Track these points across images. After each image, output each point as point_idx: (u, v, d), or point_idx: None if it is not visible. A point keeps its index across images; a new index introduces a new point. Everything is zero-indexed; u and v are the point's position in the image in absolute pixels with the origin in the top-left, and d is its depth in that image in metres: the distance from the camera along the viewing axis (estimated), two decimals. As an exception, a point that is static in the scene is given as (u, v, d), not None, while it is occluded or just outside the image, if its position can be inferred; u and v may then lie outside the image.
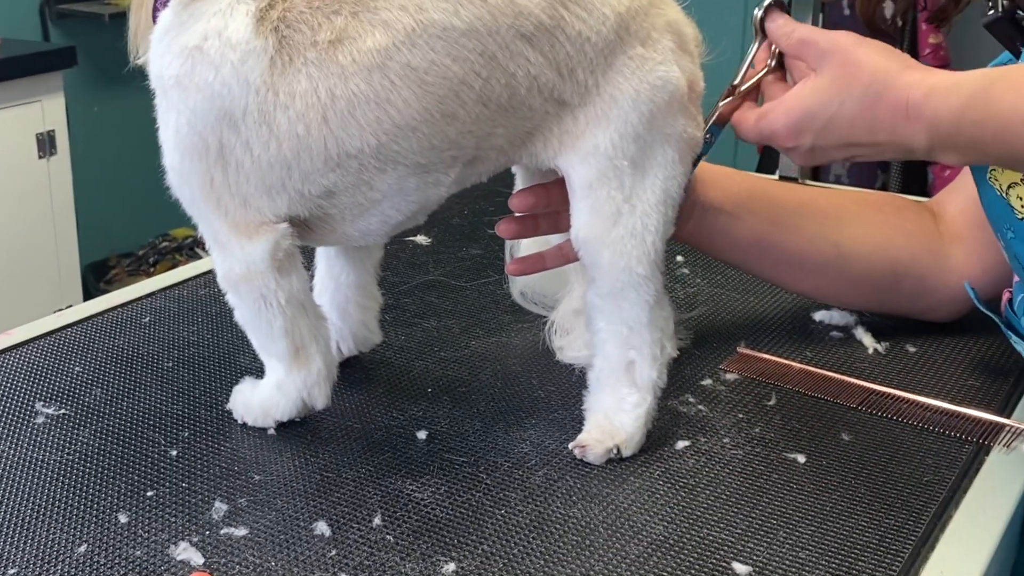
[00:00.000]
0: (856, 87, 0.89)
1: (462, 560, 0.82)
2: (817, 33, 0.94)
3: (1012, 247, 0.97)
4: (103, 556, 0.82)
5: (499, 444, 0.96)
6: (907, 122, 0.86)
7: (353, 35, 0.85)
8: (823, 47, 0.92)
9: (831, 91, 0.90)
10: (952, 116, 0.84)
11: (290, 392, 0.97)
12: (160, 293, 1.26)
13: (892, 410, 1.03)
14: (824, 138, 0.91)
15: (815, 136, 0.91)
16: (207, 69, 0.86)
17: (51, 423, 0.99)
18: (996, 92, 0.82)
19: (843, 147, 0.91)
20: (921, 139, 0.86)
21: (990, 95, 0.82)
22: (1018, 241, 0.95)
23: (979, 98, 0.83)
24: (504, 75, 0.87)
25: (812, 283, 1.15)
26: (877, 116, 0.88)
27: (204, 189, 0.89)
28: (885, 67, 0.88)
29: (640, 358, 0.94)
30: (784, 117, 0.93)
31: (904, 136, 0.87)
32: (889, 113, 0.87)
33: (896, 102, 0.87)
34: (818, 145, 0.92)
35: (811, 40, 0.93)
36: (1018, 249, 0.96)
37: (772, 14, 0.98)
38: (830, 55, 0.91)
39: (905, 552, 0.84)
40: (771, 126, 0.94)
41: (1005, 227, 0.96)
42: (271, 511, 0.87)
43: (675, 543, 0.84)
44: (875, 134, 0.89)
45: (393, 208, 0.92)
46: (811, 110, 0.91)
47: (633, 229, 0.91)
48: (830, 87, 0.90)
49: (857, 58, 0.90)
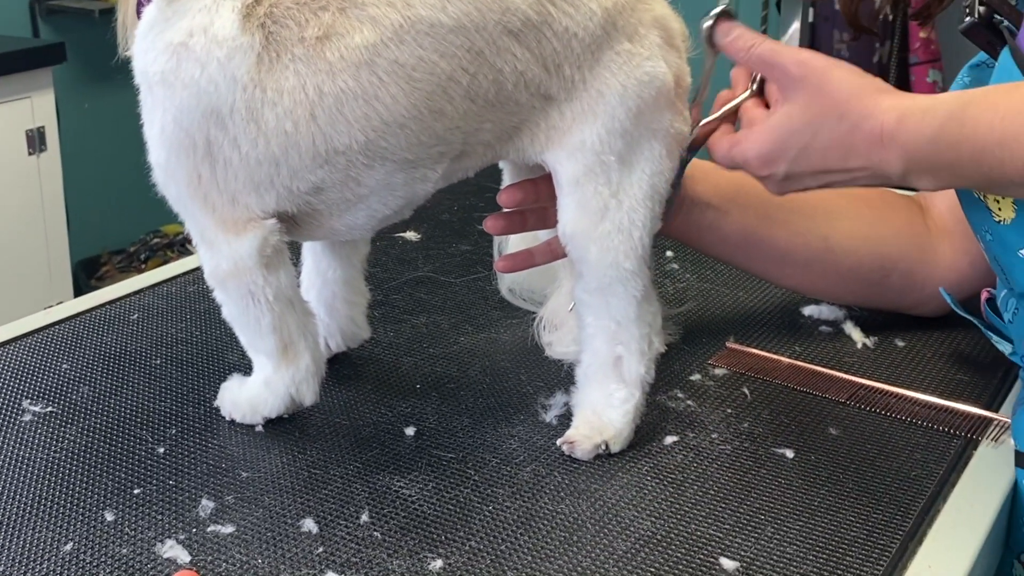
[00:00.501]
0: (830, 115, 0.87)
1: (449, 556, 0.82)
2: (783, 53, 0.90)
3: (991, 249, 0.97)
4: (89, 554, 0.82)
5: (487, 440, 0.96)
6: (881, 148, 0.85)
7: (341, 31, 0.85)
8: (794, 73, 0.88)
9: (804, 119, 0.88)
10: (927, 139, 0.83)
11: (278, 389, 0.96)
12: (148, 290, 1.25)
13: (880, 404, 1.03)
14: (797, 166, 0.89)
15: (788, 164, 0.89)
16: (193, 66, 0.86)
17: (38, 421, 0.99)
18: (971, 113, 0.81)
19: (817, 174, 0.89)
20: (896, 165, 0.85)
21: (965, 116, 0.81)
22: (996, 243, 0.95)
23: (954, 120, 0.81)
24: (491, 71, 0.87)
25: (801, 278, 1.15)
26: (851, 144, 0.86)
27: (191, 186, 0.89)
28: (858, 94, 0.86)
29: (628, 353, 0.94)
30: (756, 146, 0.91)
31: (879, 162, 0.85)
32: (863, 140, 0.85)
33: (870, 129, 0.85)
34: (791, 173, 0.90)
35: (779, 63, 0.90)
36: (997, 251, 0.96)
37: (722, 25, 0.92)
38: (801, 81, 0.88)
39: (893, 547, 0.84)
40: (743, 155, 0.92)
41: (984, 229, 0.97)
42: (258, 508, 0.87)
43: (663, 539, 0.84)
44: (849, 161, 0.87)
45: (380, 203, 0.92)
46: (783, 139, 0.89)
47: (620, 224, 0.91)
48: (803, 115, 0.88)
49: (829, 85, 0.87)
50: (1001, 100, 0.80)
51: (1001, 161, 0.78)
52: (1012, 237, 0.93)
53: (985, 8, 0.96)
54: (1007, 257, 0.94)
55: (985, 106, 0.80)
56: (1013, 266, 0.94)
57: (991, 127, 0.79)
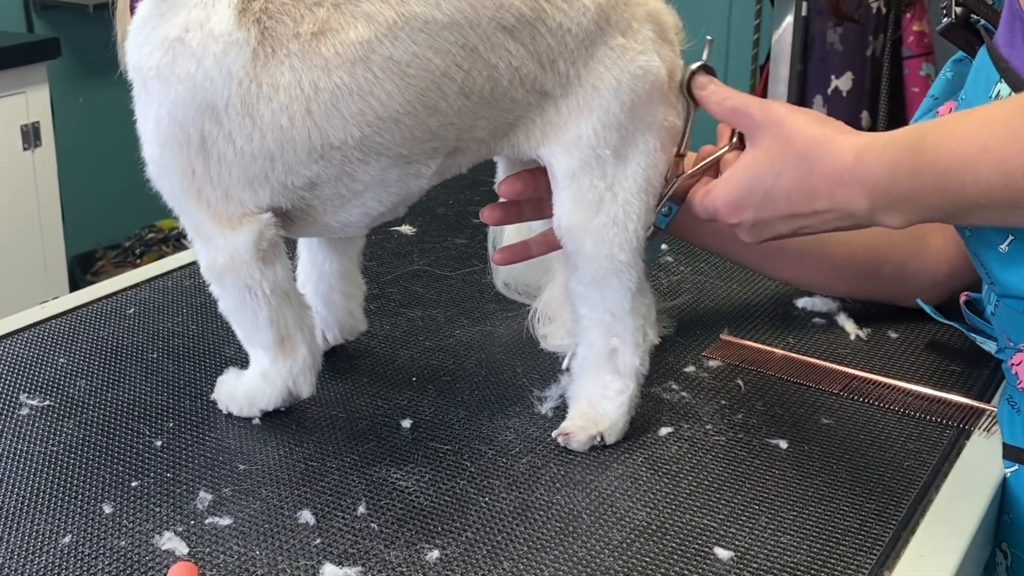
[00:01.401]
0: (790, 158, 0.86)
1: (446, 547, 0.82)
2: (751, 103, 0.91)
3: (971, 245, 0.97)
4: (87, 546, 0.82)
5: (483, 432, 0.97)
6: (844, 187, 0.84)
7: (335, 27, 0.85)
8: (757, 119, 0.89)
9: (765, 163, 0.88)
10: (887, 172, 0.82)
11: (276, 381, 0.97)
12: (145, 284, 1.26)
13: (873, 395, 1.03)
14: (764, 211, 0.89)
15: (755, 210, 0.89)
16: (189, 61, 0.86)
17: (35, 414, 0.99)
18: (930, 141, 0.80)
19: (785, 219, 0.89)
20: (861, 203, 0.84)
21: (924, 145, 0.80)
22: (976, 240, 0.96)
23: (912, 150, 0.81)
24: (486, 67, 0.88)
25: (794, 270, 1.16)
26: (813, 185, 0.85)
27: (185, 181, 0.90)
28: (819, 134, 0.86)
29: (623, 345, 0.95)
30: (724, 195, 0.91)
31: (843, 202, 0.84)
32: (824, 180, 0.85)
33: (831, 168, 0.84)
34: (760, 219, 0.90)
35: (744, 110, 0.90)
36: (976, 247, 0.96)
37: (698, 79, 0.94)
38: (764, 127, 0.88)
39: (886, 536, 0.84)
40: (713, 203, 0.92)
41: (963, 226, 0.97)
42: (256, 500, 0.87)
43: (658, 529, 0.85)
44: (814, 203, 0.86)
45: (374, 199, 0.93)
46: (748, 185, 0.89)
47: (615, 217, 0.92)
48: (764, 159, 0.88)
49: (790, 128, 0.87)
50: (958, 124, 0.79)
51: (963, 184, 0.78)
52: (991, 233, 0.94)
53: (962, 9, 0.96)
54: (986, 253, 0.95)
55: (942, 133, 0.79)
56: (992, 262, 0.94)
57: (950, 151, 0.78)
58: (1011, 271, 0.92)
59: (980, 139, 0.76)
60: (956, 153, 0.78)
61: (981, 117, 0.78)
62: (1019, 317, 0.94)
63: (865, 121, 2.71)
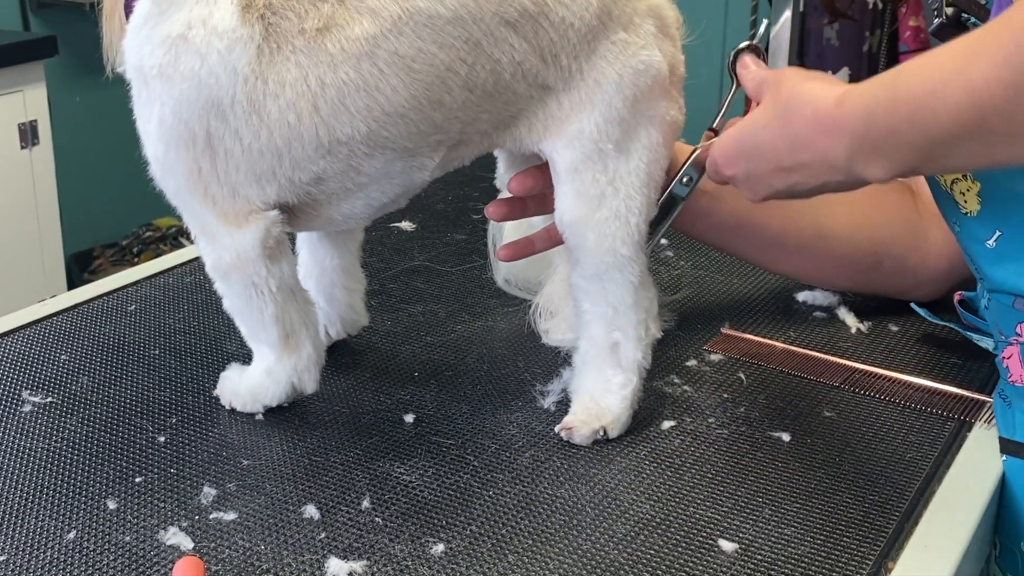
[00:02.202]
0: (778, 108, 0.87)
1: (451, 541, 0.83)
2: (769, 72, 0.93)
3: (961, 240, 0.98)
4: (92, 542, 0.82)
5: (486, 426, 0.97)
6: (823, 134, 0.84)
7: (340, 23, 0.86)
8: (768, 81, 0.91)
9: (758, 116, 0.89)
10: (863, 111, 0.81)
11: (280, 378, 0.97)
12: (146, 281, 1.26)
13: (875, 388, 1.04)
14: (755, 163, 0.89)
15: (746, 162, 0.90)
16: (193, 58, 0.86)
17: (38, 411, 0.99)
18: (903, 77, 0.80)
19: (776, 172, 0.89)
20: (840, 148, 0.83)
21: (897, 82, 0.80)
22: (964, 235, 0.96)
23: (886, 87, 0.81)
24: (489, 61, 0.88)
25: (794, 263, 1.16)
26: (796, 133, 0.86)
27: (191, 179, 0.90)
28: (808, 87, 0.86)
29: (625, 339, 0.95)
30: (719, 148, 0.92)
31: (825, 150, 0.84)
32: (806, 128, 0.85)
33: (811, 115, 0.85)
34: (752, 172, 0.90)
35: (763, 78, 0.92)
36: (966, 243, 0.97)
37: (743, 58, 0.96)
38: (769, 86, 0.90)
39: (889, 527, 0.85)
40: (713, 156, 0.93)
41: (953, 221, 0.98)
42: (260, 495, 0.87)
43: (662, 521, 0.85)
44: (798, 153, 0.86)
45: (378, 191, 0.93)
46: (740, 136, 0.90)
47: (617, 211, 0.92)
48: (758, 113, 0.90)
49: (784, 84, 0.88)
50: (931, 57, 0.79)
51: (935, 112, 0.76)
52: (978, 229, 0.94)
53: (953, 9, 0.97)
54: (975, 248, 0.95)
55: (915, 67, 0.79)
56: (981, 257, 0.95)
57: (923, 80, 0.77)
58: (998, 266, 0.93)
59: (950, 64, 0.76)
60: (928, 82, 0.77)
61: (951, 45, 0.78)
62: (1009, 311, 0.94)
63: (862, 116, 2.71)
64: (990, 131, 0.74)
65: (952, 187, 0.95)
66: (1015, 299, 0.93)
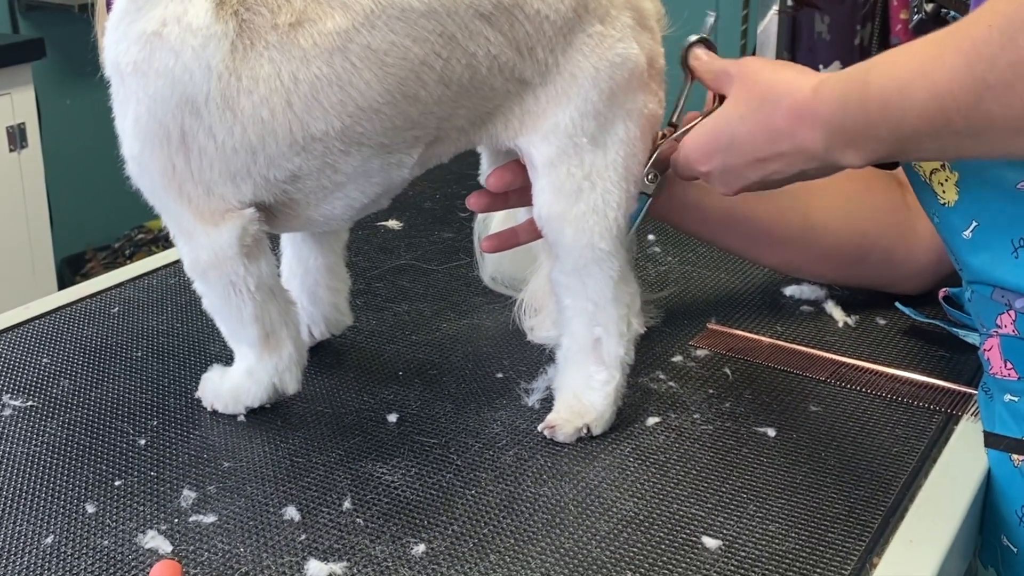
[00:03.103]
0: (753, 101, 0.88)
1: (432, 541, 0.82)
2: (728, 63, 0.93)
3: (940, 232, 0.98)
4: (70, 546, 0.81)
5: (470, 425, 0.96)
6: (801, 124, 0.85)
7: (313, 17, 0.85)
8: (732, 73, 0.91)
9: (731, 110, 0.90)
10: (837, 103, 0.83)
11: (261, 378, 0.96)
12: (129, 283, 1.25)
13: (861, 382, 1.03)
14: (732, 156, 0.90)
15: (723, 156, 0.90)
16: (167, 55, 0.85)
17: (18, 415, 0.99)
18: (875, 72, 0.81)
19: (752, 164, 0.89)
20: (818, 138, 0.84)
21: (870, 76, 0.81)
22: (943, 226, 0.96)
23: (859, 80, 0.82)
24: (464, 55, 0.87)
25: (782, 256, 1.16)
26: (774, 124, 0.86)
27: (165, 177, 0.89)
28: (781, 77, 0.87)
29: (607, 335, 0.94)
30: (693, 143, 0.93)
31: (802, 140, 0.85)
32: (784, 119, 0.86)
33: (790, 106, 0.85)
34: (728, 165, 0.91)
35: (722, 70, 0.93)
36: (944, 233, 0.97)
37: (695, 50, 0.97)
38: (735, 78, 0.91)
39: (875, 522, 0.84)
40: (685, 153, 0.93)
41: (932, 212, 0.98)
42: (240, 497, 0.87)
43: (645, 519, 0.84)
44: (776, 144, 0.87)
45: (357, 191, 0.92)
46: (715, 130, 0.91)
47: (595, 205, 0.91)
48: (731, 106, 0.90)
49: (754, 75, 0.89)
50: (899, 53, 0.80)
51: (903, 110, 0.78)
52: (956, 220, 0.94)
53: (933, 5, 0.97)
54: (953, 239, 0.95)
55: (886, 62, 0.80)
56: (959, 248, 0.95)
57: (891, 77, 0.79)
58: (975, 256, 0.93)
59: (916, 63, 0.77)
60: (896, 79, 0.78)
61: (918, 43, 0.79)
62: (989, 303, 0.94)
63: (854, 109, 2.71)
64: (955, 130, 0.76)
65: (931, 178, 0.95)
66: (993, 290, 0.92)
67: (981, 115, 0.74)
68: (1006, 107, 0.72)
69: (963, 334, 1.06)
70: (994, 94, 0.72)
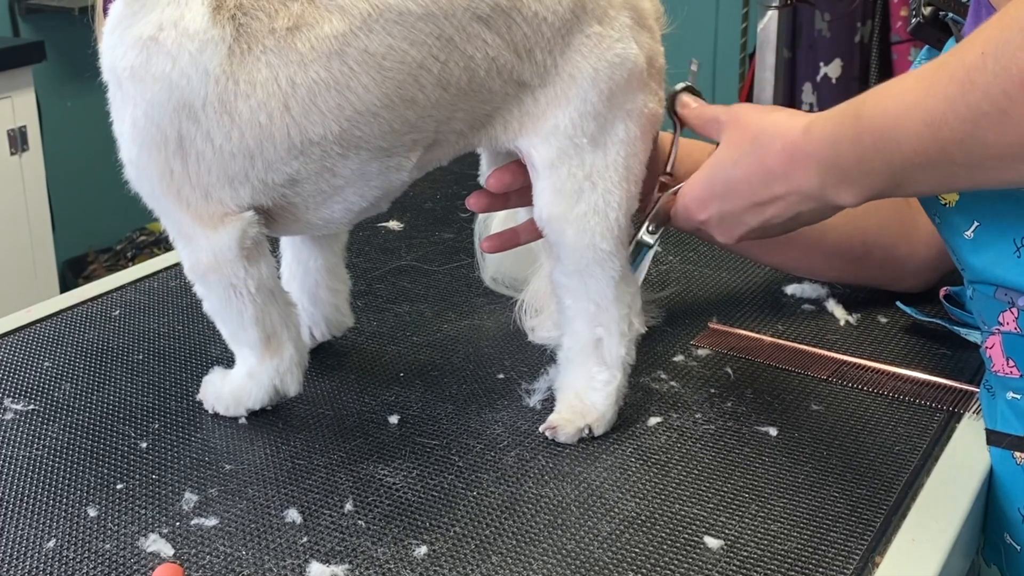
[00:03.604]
0: (746, 145, 0.88)
1: (434, 543, 0.82)
2: (719, 109, 0.94)
3: (941, 232, 0.98)
4: (72, 550, 0.81)
5: (471, 426, 0.96)
6: (795, 165, 0.85)
7: (310, 21, 0.85)
8: (722, 119, 0.92)
9: (724, 156, 0.90)
10: (830, 141, 0.83)
11: (262, 380, 0.96)
12: (130, 286, 1.25)
13: (863, 381, 1.03)
14: (729, 202, 0.90)
15: (720, 202, 0.90)
16: (164, 60, 0.85)
17: (20, 419, 0.99)
18: (868, 105, 0.81)
19: (750, 209, 0.89)
20: (813, 179, 0.84)
21: (862, 111, 0.81)
22: (945, 226, 0.96)
23: (852, 115, 0.82)
24: (462, 58, 0.87)
25: (784, 254, 1.15)
26: (768, 167, 0.86)
27: (164, 181, 0.89)
28: (771, 120, 0.87)
29: (608, 335, 0.94)
30: (689, 192, 0.93)
31: (797, 181, 0.85)
32: (778, 160, 0.86)
33: (782, 148, 0.85)
34: (726, 212, 0.91)
35: (712, 116, 0.93)
36: (946, 234, 0.97)
37: (682, 98, 0.98)
38: (725, 124, 0.91)
39: (877, 521, 0.84)
40: (683, 203, 0.94)
41: (932, 213, 0.98)
42: (242, 500, 0.87)
43: (647, 519, 0.84)
44: (771, 187, 0.87)
45: (356, 194, 0.92)
46: (710, 178, 0.91)
47: (596, 206, 0.91)
48: (724, 152, 0.90)
49: (745, 119, 0.89)
50: (892, 86, 0.80)
51: (898, 143, 0.78)
52: (957, 220, 0.94)
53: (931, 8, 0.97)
54: (955, 239, 0.95)
55: (879, 96, 0.80)
56: (961, 248, 0.95)
57: (885, 112, 0.78)
58: (977, 256, 0.93)
59: (910, 95, 0.77)
60: (890, 113, 0.78)
61: (911, 75, 0.79)
62: (991, 301, 0.93)
63: (855, 107, 2.70)
64: (951, 160, 0.76)
65: None
66: (996, 289, 0.92)
67: (977, 144, 0.73)
68: (1001, 135, 0.72)
69: (964, 332, 1.05)
70: (989, 121, 0.72)
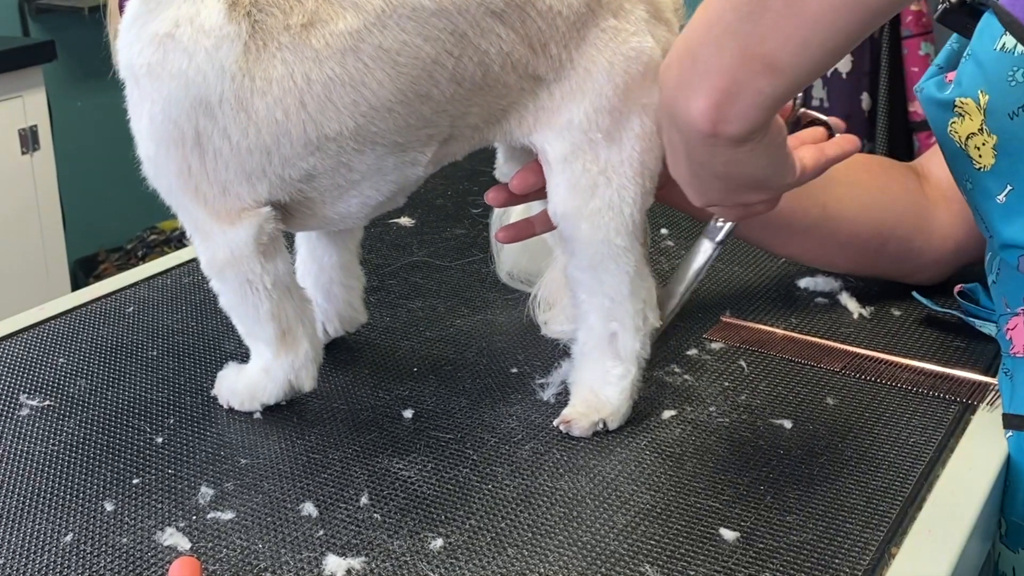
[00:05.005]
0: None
1: (450, 536, 0.82)
2: None
3: (972, 198, 0.97)
4: (89, 544, 0.82)
5: (485, 420, 0.96)
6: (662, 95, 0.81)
7: (325, 18, 0.85)
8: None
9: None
10: (673, 57, 0.78)
11: (278, 376, 0.97)
12: (144, 283, 1.25)
13: (877, 373, 1.03)
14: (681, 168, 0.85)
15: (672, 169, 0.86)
16: (180, 56, 0.86)
17: (36, 415, 0.99)
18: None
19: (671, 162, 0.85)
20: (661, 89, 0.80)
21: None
22: (977, 191, 0.95)
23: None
24: (476, 53, 0.87)
25: (799, 246, 1.15)
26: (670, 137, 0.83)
27: (181, 178, 0.89)
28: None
29: (623, 330, 0.94)
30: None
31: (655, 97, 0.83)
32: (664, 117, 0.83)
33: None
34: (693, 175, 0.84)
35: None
36: (977, 199, 0.96)
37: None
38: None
39: (892, 513, 0.84)
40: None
41: (965, 179, 0.97)
42: (258, 494, 0.87)
43: (662, 511, 0.84)
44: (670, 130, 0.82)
45: (372, 188, 0.92)
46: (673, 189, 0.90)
47: (610, 201, 0.91)
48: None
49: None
50: None
51: (711, 16, 0.73)
52: (991, 183, 0.94)
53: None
54: (986, 204, 0.95)
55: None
56: (991, 213, 0.94)
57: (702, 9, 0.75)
58: (1007, 222, 0.93)
59: None
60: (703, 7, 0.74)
61: None
62: (1015, 277, 0.93)
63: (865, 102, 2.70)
64: (766, 7, 0.71)
65: (967, 143, 0.94)
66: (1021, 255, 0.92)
67: None
68: None
69: (979, 324, 1.05)
70: None
